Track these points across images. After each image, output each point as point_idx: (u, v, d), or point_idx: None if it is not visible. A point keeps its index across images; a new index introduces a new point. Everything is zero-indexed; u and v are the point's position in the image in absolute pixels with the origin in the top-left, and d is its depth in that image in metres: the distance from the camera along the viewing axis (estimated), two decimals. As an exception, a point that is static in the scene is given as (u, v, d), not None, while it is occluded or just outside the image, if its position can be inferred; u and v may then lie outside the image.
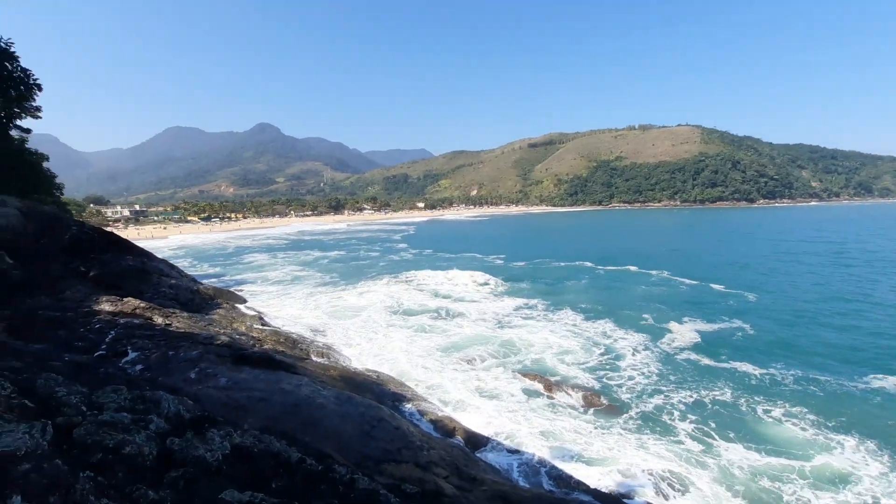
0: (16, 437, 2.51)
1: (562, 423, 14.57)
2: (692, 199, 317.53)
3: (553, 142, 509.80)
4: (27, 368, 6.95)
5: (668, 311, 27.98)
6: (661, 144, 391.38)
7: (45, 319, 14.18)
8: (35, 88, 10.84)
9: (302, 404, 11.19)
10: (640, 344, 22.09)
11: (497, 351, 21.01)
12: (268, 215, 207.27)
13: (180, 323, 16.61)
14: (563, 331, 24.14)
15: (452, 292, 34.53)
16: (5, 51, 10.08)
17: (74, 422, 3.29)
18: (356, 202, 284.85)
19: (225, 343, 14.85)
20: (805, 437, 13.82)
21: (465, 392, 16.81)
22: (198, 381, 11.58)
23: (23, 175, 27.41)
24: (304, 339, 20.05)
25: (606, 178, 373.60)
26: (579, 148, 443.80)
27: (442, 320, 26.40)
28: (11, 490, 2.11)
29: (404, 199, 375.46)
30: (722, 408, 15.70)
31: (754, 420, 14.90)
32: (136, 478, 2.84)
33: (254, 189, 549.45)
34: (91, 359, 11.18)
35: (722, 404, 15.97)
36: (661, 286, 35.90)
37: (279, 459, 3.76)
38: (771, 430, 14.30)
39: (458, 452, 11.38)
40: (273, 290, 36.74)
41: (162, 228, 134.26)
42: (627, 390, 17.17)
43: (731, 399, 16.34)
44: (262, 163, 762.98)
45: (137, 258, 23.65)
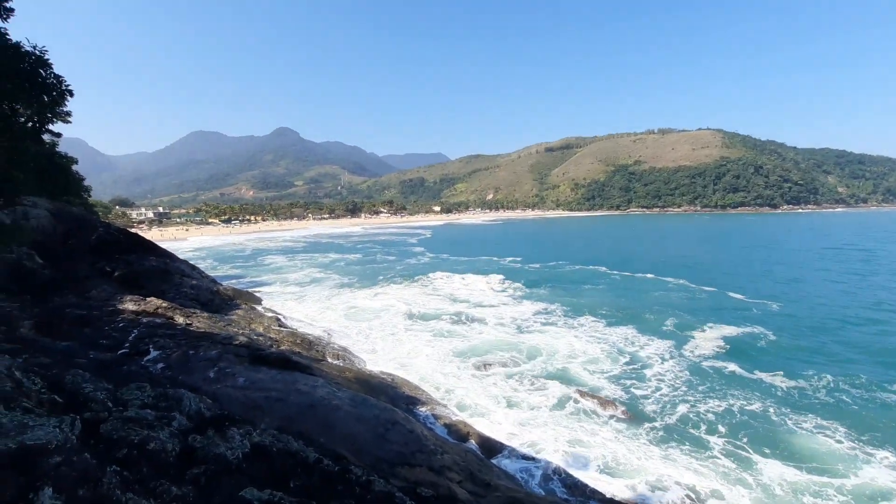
0: (47, 431, 2.60)
1: (582, 432, 14.35)
2: (713, 205, 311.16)
3: (570, 146, 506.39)
4: (55, 365, 7.19)
5: (688, 318, 27.36)
6: (681, 148, 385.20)
7: (73, 318, 14.62)
8: (67, 94, 11.28)
9: (318, 405, 11.28)
10: (663, 351, 21.62)
11: (516, 357, 20.80)
12: (286, 218, 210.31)
13: (200, 323, 16.94)
14: (584, 336, 23.85)
15: (470, 296, 34.49)
16: (40, 58, 10.52)
17: (101, 417, 3.40)
18: (373, 206, 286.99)
19: (243, 343, 15.08)
20: (842, 451, 13.28)
21: (482, 398, 16.69)
22: (217, 380, 11.78)
23: (53, 178, 28.40)
24: (320, 340, 20.25)
25: (624, 182, 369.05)
26: (597, 152, 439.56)
27: (459, 325, 26.33)
28: (43, 482, 2.19)
29: (420, 202, 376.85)
30: (751, 419, 15.21)
31: (787, 432, 14.38)
32: (159, 473, 2.92)
33: (273, 192, 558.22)
34: (115, 357, 11.49)
35: (751, 415, 15.47)
36: (680, 293, 35.02)
37: (297, 459, 3.81)
38: (805, 442, 13.79)
39: (471, 457, 11.32)
40: (291, 292, 37.21)
41: (184, 230, 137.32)
42: (653, 399, 16.75)
43: (760, 409, 15.81)
44: (281, 166, 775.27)
45: (160, 259, 24.24)
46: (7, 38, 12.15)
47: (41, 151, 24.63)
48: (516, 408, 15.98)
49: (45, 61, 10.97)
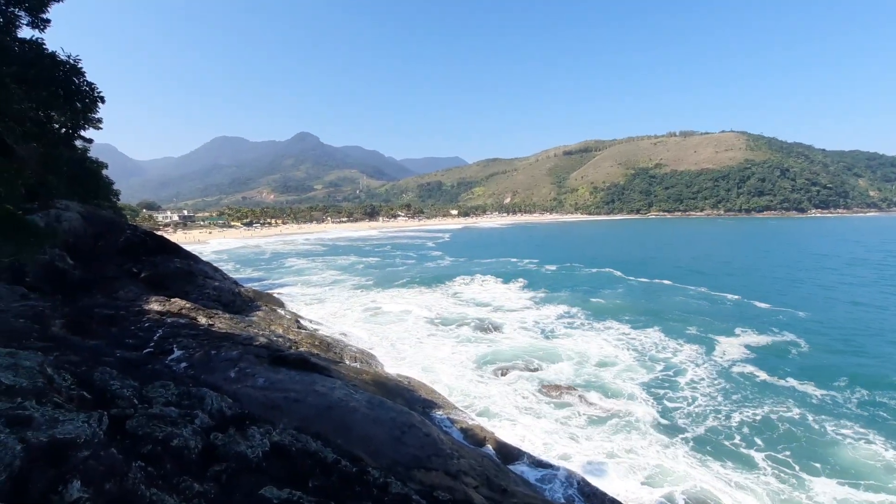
0: (76, 426, 2.69)
1: (608, 440, 14.10)
2: (737, 209, 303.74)
3: (589, 149, 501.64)
4: (84, 362, 7.41)
5: (714, 325, 26.63)
6: (704, 151, 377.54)
7: (101, 317, 15.07)
8: (98, 101, 11.75)
9: (335, 407, 11.37)
10: (693, 358, 21.10)
11: (538, 362, 20.59)
12: (306, 221, 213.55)
13: (222, 324, 17.28)
14: (611, 341, 23.50)
15: (492, 300, 34.49)
16: (74, 66, 10.98)
17: (127, 414, 3.49)
18: (391, 209, 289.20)
19: (263, 344, 15.32)
20: (889, 462, 12.70)
21: (503, 403, 16.54)
22: (237, 380, 11.98)
23: (84, 182, 29.48)
24: (338, 342, 20.42)
25: (645, 185, 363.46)
26: (616, 155, 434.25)
27: (480, 329, 26.22)
28: (72, 474, 2.26)
29: (438, 206, 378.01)
30: (791, 428, 14.69)
31: (832, 445, 13.79)
32: (182, 470, 2.99)
33: (293, 196, 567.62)
34: (140, 355, 11.79)
35: (790, 423, 14.95)
36: (701, 301, 33.96)
37: (316, 459, 3.85)
38: (849, 454, 13.25)
39: (488, 462, 11.24)
40: (310, 294, 37.69)
41: (207, 233, 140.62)
42: (686, 407, 16.28)
43: (797, 418, 15.27)
44: (301, 170, 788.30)
45: (184, 261, 24.82)
46: (44, 47, 12.71)
47: (74, 157, 25.60)
48: (536, 414, 15.80)
49: (78, 70, 11.46)
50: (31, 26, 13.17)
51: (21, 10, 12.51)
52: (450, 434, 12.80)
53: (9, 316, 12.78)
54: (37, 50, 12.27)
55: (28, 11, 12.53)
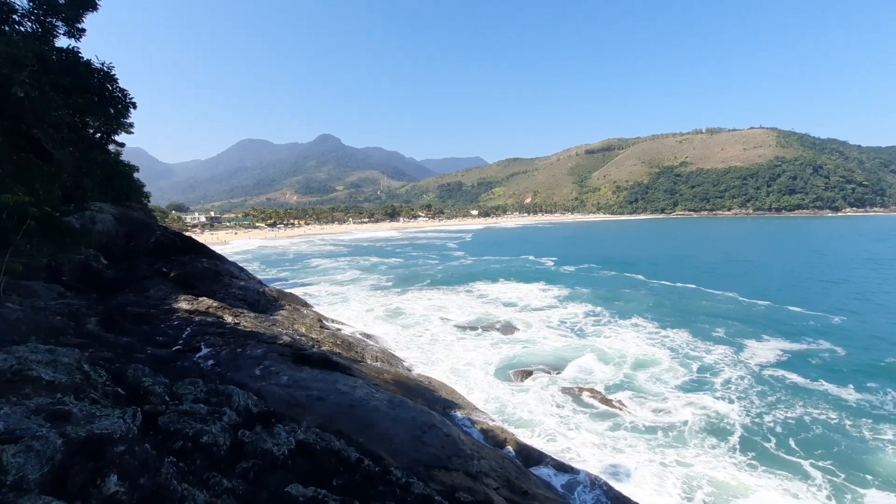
0: (112, 421, 2.80)
1: (636, 443, 13.84)
2: (766, 207, 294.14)
3: (612, 147, 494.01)
4: (118, 359, 7.69)
5: (745, 329, 25.70)
6: (732, 149, 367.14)
7: (133, 315, 15.59)
8: (130, 106, 12.22)
9: (357, 406, 11.47)
10: (725, 361, 20.50)
11: (567, 363, 20.34)
12: (327, 222, 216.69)
13: (247, 322, 17.66)
14: (643, 344, 23.00)
15: (517, 300, 34.40)
16: (108, 73, 11.44)
17: (159, 410, 3.61)
18: (411, 210, 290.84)
19: (287, 343, 15.58)
20: None
21: (530, 406, 16.39)
22: (262, 377, 12.22)
23: (117, 185, 30.63)
24: (359, 342, 20.62)
25: (670, 184, 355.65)
26: (640, 153, 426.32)
27: (504, 329, 26.10)
28: (109, 469, 2.36)
29: (458, 206, 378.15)
30: (836, 435, 14.11)
31: (877, 452, 13.24)
32: (211, 466, 3.07)
33: (315, 197, 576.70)
34: (170, 353, 12.15)
35: (835, 431, 14.36)
36: (730, 306, 32.53)
37: (339, 458, 3.90)
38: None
39: (509, 464, 11.18)
40: (333, 294, 38.19)
41: (233, 234, 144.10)
42: (726, 412, 15.75)
43: (840, 425, 14.65)
44: (323, 172, 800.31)
45: (211, 261, 25.48)
46: (79, 55, 13.26)
47: (107, 160, 26.60)
48: (561, 414, 15.62)
49: (112, 76, 11.94)
50: (67, 35, 13.77)
51: (58, 21, 13.08)
52: (470, 435, 12.78)
53: (47, 313, 13.35)
54: (73, 58, 12.78)
55: (65, 21, 13.09)
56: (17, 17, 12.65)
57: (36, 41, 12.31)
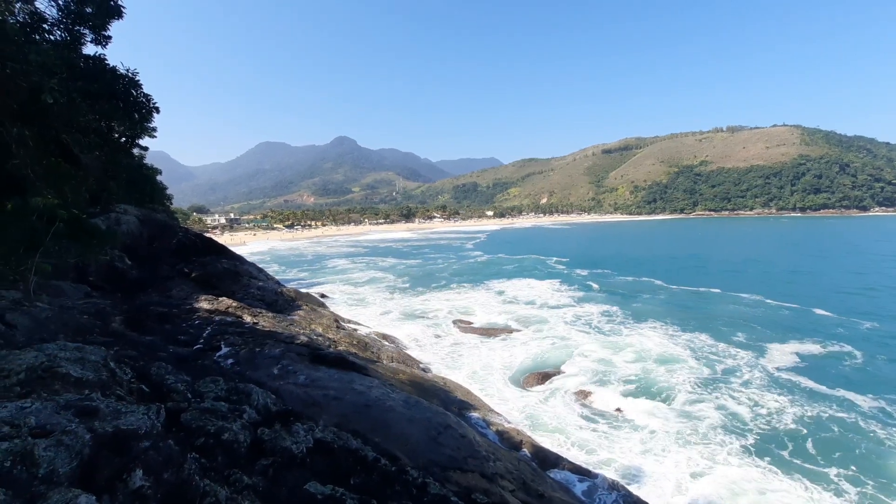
0: (137, 417, 2.88)
1: (649, 445, 13.63)
2: (790, 207, 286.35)
3: (629, 147, 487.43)
4: (141, 357, 7.89)
5: (771, 334, 24.80)
6: (754, 147, 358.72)
7: (155, 314, 15.97)
8: (154, 111, 12.59)
9: (373, 405, 11.54)
10: (747, 366, 19.94)
11: (584, 364, 20.17)
12: (344, 223, 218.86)
13: (266, 322, 17.93)
14: (659, 347, 22.54)
15: (534, 298, 34.30)
16: (132, 79, 11.80)
17: (181, 407, 3.71)
18: (426, 211, 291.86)
19: (304, 343, 15.77)
20: None
21: (539, 406, 16.32)
22: (280, 377, 12.39)
23: (140, 187, 31.46)
24: (375, 342, 20.76)
25: (689, 184, 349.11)
26: (658, 153, 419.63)
27: (524, 328, 25.99)
28: (135, 463, 2.43)
29: (473, 207, 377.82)
30: (864, 446, 13.61)
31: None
32: (232, 463, 3.14)
33: (332, 198, 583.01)
34: (191, 351, 12.40)
35: (864, 442, 13.85)
36: (757, 310, 31.27)
37: (357, 457, 3.94)
38: None
39: (525, 466, 11.11)
40: (349, 294, 38.52)
41: (252, 235, 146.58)
42: (750, 416, 15.38)
43: (871, 438, 14.08)
44: (339, 173, 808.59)
45: (231, 261, 25.95)
46: (105, 62, 13.69)
47: (131, 164, 27.35)
48: (582, 415, 15.48)
49: (136, 82, 12.32)
50: (94, 43, 14.22)
51: (86, 29, 13.51)
52: (486, 436, 12.74)
53: (74, 312, 13.77)
54: (100, 65, 13.18)
55: (92, 30, 13.51)
56: (46, 26, 13.10)
57: (65, 49, 12.73)
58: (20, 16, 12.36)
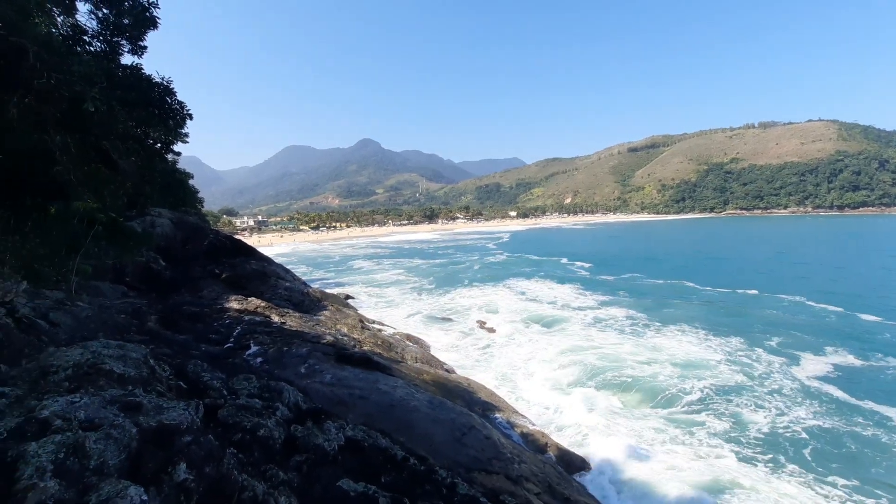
0: (178, 413, 3.00)
1: (680, 453, 13.30)
2: (827, 205, 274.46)
3: (656, 144, 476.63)
4: (176, 354, 8.17)
5: (812, 341, 23.49)
6: (787, 143, 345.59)
7: (188, 314, 16.49)
8: (187, 118, 13.08)
9: (397, 405, 11.63)
10: (777, 373, 19.09)
11: (614, 366, 19.82)
12: (368, 224, 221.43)
13: (293, 322, 18.29)
14: (689, 351, 21.88)
15: (555, 299, 33.97)
16: (167, 87, 12.28)
17: (218, 404, 3.84)
18: (449, 211, 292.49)
19: (330, 342, 16.02)
20: None
21: (568, 408, 16.11)
22: (307, 375, 12.62)
23: (174, 191, 32.62)
24: (399, 342, 20.91)
25: (719, 182, 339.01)
26: (687, 150, 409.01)
27: (547, 329, 25.76)
28: (179, 458, 2.54)
29: (496, 208, 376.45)
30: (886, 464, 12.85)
31: None
32: (268, 459, 3.23)
33: (356, 200, 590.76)
34: (222, 350, 12.77)
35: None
36: (795, 312, 29.69)
37: (386, 455, 4.00)
38: None
39: (550, 469, 11.00)
40: (373, 295, 38.92)
41: (279, 237, 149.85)
42: (782, 428, 14.72)
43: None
44: (363, 176, 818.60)
45: (259, 262, 26.58)
46: (142, 71, 14.26)
47: (166, 168, 28.37)
48: (608, 418, 15.22)
49: (170, 90, 12.82)
50: (131, 53, 14.84)
51: (123, 39, 14.11)
52: (510, 438, 12.68)
53: (112, 312, 14.33)
54: (136, 74, 13.73)
55: (129, 40, 14.10)
56: (87, 38, 13.72)
57: (104, 59, 13.31)
58: (63, 28, 12.98)
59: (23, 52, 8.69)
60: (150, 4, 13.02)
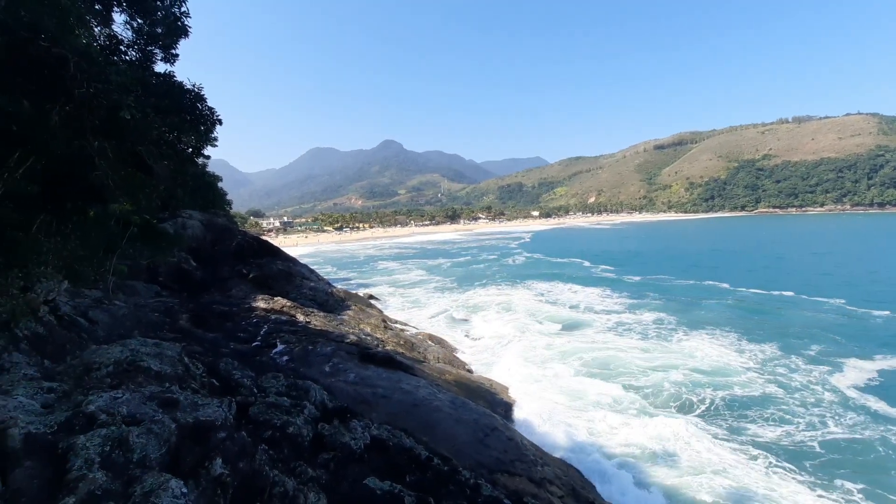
0: (213, 410, 3.13)
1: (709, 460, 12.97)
2: (867, 202, 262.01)
3: (684, 142, 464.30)
4: (207, 353, 8.45)
5: (855, 348, 21.99)
6: (824, 138, 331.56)
7: (217, 313, 17.01)
8: (217, 123, 13.54)
9: (420, 405, 11.71)
10: (815, 382, 18.13)
11: (638, 372, 19.48)
12: (390, 225, 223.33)
13: (317, 321, 18.63)
14: (718, 358, 21.07)
15: (579, 302, 33.56)
16: (198, 94, 12.73)
17: (249, 401, 3.98)
18: (471, 212, 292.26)
19: (353, 342, 16.25)
20: None
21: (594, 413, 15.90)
22: (331, 374, 12.84)
23: (203, 193, 33.72)
24: (422, 342, 21.03)
25: (751, 179, 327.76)
26: (716, 147, 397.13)
27: (569, 330, 25.49)
28: (215, 453, 2.66)
29: (518, 208, 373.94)
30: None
31: None
32: (297, 455, 3.34)
33: (378, 201, 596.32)
34: (250, 348, 13.12)
35: None
36: (837, 316, 27.90)
37: (411, 455, 4.07)
38: None
39: (573, 473, 10.91)
40: (396, 295, 39.23)
41: (304, 237, 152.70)
42: (814, 437, 14.15)
43: None
44: (386, 176, 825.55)
45: (285, 263, 27.17)
46: (174, 78, 14.78)
47: (196, 171, 29.32)
48: (634, 423, 14.95)
49: (201, 97, 13.27)
50: (163, 61, 15.41)
51: (157, 48, 14.65)
52: (532, 440, 12.60)
53: (147, 310, 14.91)
54: (169, 81, 14.24)
55: (162, 49, 14.62)
56: (122, 47, 14.31)
57: (139, 68, 13.85)
58: (101, 39, 13.58)
59: (64, 63, 9.16)
60: (181, 13, 13.49)
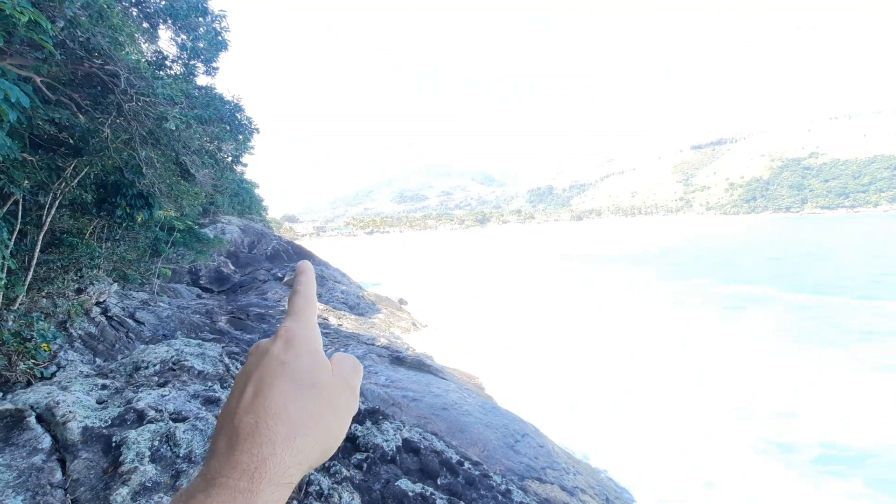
0: (252, 409, 3.25)
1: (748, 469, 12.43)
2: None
3: (723, 140, 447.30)
4: (243, 353, 8.77)
5: None
6: (877, 134, 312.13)
7: (254, 314, 17.63)
8: (255, 132, 14.08)
9: (450, 408, 11.73)
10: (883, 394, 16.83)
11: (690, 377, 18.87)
12: (420, 229, 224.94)
13: (349, 324, 19.00)
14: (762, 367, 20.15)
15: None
16: (237, 105, 13.28)
17: (286, 401, 4.11)
18: (501, 215, 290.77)
19: (384, 345, 16.48)
20: None
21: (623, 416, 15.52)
22: (363, 376, 13.05)
23: (241, 200, 35.03)
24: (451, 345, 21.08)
25: (796, 179, 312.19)
26: (758, 145, 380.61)
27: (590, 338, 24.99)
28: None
29: (549, 211, 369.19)
30: None
31: None
32: (332, 454, 3.41)
33: (408, 205, 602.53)
34: (285, 350, 13.52)
35: None
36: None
37: (442, 458, 4.10)
38: None
39: (607, 482, 10.65)
40: (426, 299, 39.38)
41: (336, 241, 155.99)
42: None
43: None
44: (415, 181, 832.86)
45: (317, 266, 27.85)
46: (214, 90, 15.50)
47: (234, 178, 30.56)
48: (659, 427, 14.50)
49: (240, 107, 13.88)
50: (205, 74, 16.17)
51: (199, 62, 15.38)
52: (565, 447, 12.40)
53: (189, 312, 15.58)
54: (210, 93, 14.90)
55: (204, 62, 15.34)
56: (168, 62, 15.10)
57: (182, 81, 14.55)
58: (148, 55, 14.39)
59: (116, 79, 9.77)
60: (221, 28, 14.12)
